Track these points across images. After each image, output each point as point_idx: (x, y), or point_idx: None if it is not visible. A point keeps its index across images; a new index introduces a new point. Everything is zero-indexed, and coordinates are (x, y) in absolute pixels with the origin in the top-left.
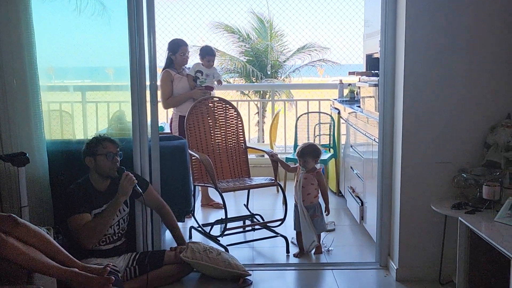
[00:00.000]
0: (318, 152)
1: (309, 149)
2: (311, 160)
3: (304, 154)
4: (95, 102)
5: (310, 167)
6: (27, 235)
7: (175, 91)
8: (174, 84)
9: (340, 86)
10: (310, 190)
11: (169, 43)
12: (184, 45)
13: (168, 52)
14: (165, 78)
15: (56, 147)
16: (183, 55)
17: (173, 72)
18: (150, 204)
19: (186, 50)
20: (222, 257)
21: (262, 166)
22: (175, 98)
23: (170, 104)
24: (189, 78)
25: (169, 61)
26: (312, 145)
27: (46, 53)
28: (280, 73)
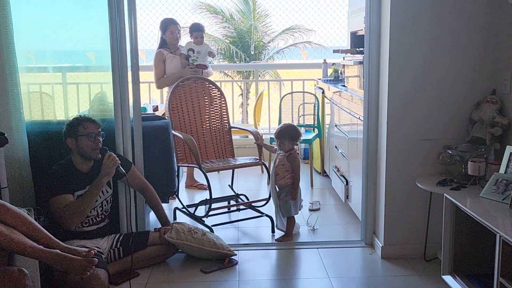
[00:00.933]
0: (296, 134)
1: (286, 131)
2: (287, 142)
3: (280, 135)
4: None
5: (286, 148)
6: (6, 215)
7: (167, 71)
8: (166, 64)
9: (324, 66)
10: (279, 171)
11: (160, 24)
12: (173, 23)
13: (160, 32)
14: (158, 58)
15: (36, 128)
16: (171, 33)
17: (165, 52)
18: (134, 185)
19: (176, 28)
20: (207, 237)
21: (246, 147)
22: (167, 78)
23: (162, 84)
24: (182, 57)
25: (162, 41)
26: (289, 126)
27: (25, 36)
28: (264, 54)
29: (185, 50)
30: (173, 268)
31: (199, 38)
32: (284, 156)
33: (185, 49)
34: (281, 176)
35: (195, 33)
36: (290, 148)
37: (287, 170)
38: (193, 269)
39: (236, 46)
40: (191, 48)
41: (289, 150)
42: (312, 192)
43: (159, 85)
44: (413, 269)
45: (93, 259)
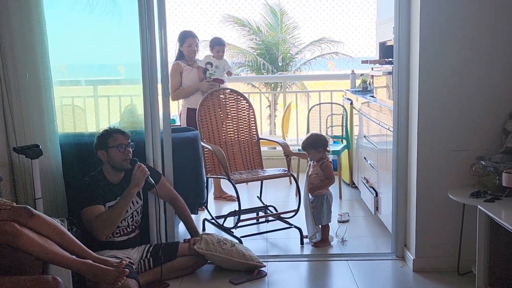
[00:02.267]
0: (319, 142)
1: (308, 141)
2: (313, 151)
3: (305, 147)
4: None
5: (316, 158)
6: (42, 226)
7: (183, 83)
8: (183, 76)
9: (352, 77)
10: (313, 180)
11: (178, 35)
12: (191, 36)
13: (178, 44)
14: (174, 69)
15: (69, 140)
16: (189, 46)
17: (183, 64)
18: (163, 196)
19: (193, 41)
20: (236, 249)
21: (274, 158)
22: (183, 90)
23: (177, 96)
24: (199, 70)
25: (179, 53)
26: (311, 135)
27: (59, 50)
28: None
29: (203, 63)
30: (202, 279)
31: (220, 53)
32: (317, 165)
33: (203, 62)
34: (324, 186)
35: (217, 47)
36: (320, 157)
37: (321, 179)
38: (222, 280)
39: (264, 58)
40: (209, 62)
41: (321, 159)
42: (341, 204)
43: (175, 96)
44: (446, 282)
45: (124, 270)
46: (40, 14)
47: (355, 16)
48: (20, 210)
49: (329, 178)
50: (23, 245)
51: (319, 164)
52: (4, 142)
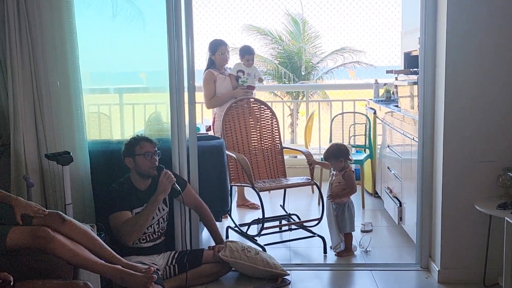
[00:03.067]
0: (341, 152)
1: (329, 151)
2: (335, 161)
3: (327, 157)
4: (132, 104)
5: (338, 168)
6: (73, 231)
7: (218, 91)
8: (217, 84)
9: (375, 86)
10: (335, 189)
11: (209, 44)
12: (223, 44)
13: (208, 53)
14: (208, 78)
15: (97, 147)
16: (221, 54)
17: (215, 72)
18: (189, 203)
19: (225, 49)
20: (260, 257)
21: (296, 167)
22: (218, 98)
23: (213, 103)
24: (232, 78)
25: (210, 62)
26: (333, 146)
27: (86, 58)
28: (313, 75)
29: (234, 71)
30: (227, 286)
31: (250, 61)
32: (340, 175)
33: (234, 70)
34: (345, 195)
35: (247, 55)
36: (342, 167)
37: (344, 188)
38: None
39: (285, 67)
40: (240, 69)
41: (343, 168)
42: (364, 213)
43: (210, 105)
44: None
45: (152, 276)
46: (71, 26)
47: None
48: (53, 216)
49: (351, 187)
50: (55, 250)
51: (342, 174)
52: (35, 149)
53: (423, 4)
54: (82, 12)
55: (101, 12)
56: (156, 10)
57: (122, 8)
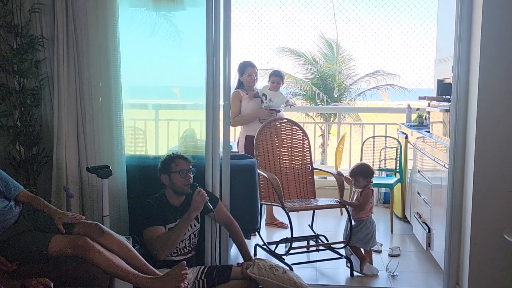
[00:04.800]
0: (369, 171)
1: (359, 169)
2: (361, 179)
3: (355, 173)
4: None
5: (361, 185)
6: (111, 242)
7: (243, 111)
8: (242, 104)
9: (408, 111)
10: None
11: (238, 65)
12: (250, 66)
13: (237, 74)
14: (234, 97)
15: (134, 162)
16: (249, 76)
17: (242, 93)
18: (220, 220)
19: (253, 71)
20: (287, 275)
21: (325, 188)
22: (243, 117)
23: (236, 122)
24: (256, 95)
25: (239, 83)
26: (362, 164)
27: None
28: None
29: (260, 93)
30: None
31: (275, 84)
32: (359, 192)
33: (260, 93)
34: (356, 210)
35: (273, 77)
36: (364, 185)
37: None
38: None
39: (318, 88)
40: (264, 93)
41: (363, 186)
42: (392, 237)
43: (234, 123)
44: None
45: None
46: (115, 45)
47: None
48: (92, 227)
49: (362, 203)
50: (93, 259)
51: (361, 191)
52: (76, 162)
53: (457, 34)
54: (123, 29)
55: (142, 30)
56: (193, 28)
57: (160, 26)
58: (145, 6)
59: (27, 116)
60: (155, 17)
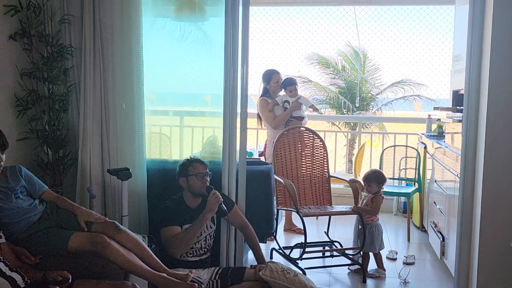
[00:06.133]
0: (382, 178)
1: (373, 175)
2: (375, 185)
3: (368, 179)
4: (192, 127)
5: (372, 191)
6: (126, 240)
7: (276, 114)
8: (274, 109)
9: (428, 121)
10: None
11: (263, 74)
12: (276, 73)
13: (263, 83)
14: (264, 105)
15: (154, 165)
16: (276, 82)
17: (269, 100)
18: (234, 223)
19: (279, 77)
20: (298, 279)
21: (346, 196)
22: (280, 117)
23: (279, 123)
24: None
25: (265, 91)
26: (376, 171)
27: (151, 80)
28: (372, 106)
29: (281, 101)
30: None
31: (293, 92)
32: (370, 197)
33: (280, 100)
34: (366, 215)
35: (289, 87)
36: (377, 192)
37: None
38: None
39: (345, 97)
40: (286, 100)
41: (375, 192)
42: (408, 246)
43: (276, 125)
44: None
45: (194, 284)
46: (139, 54)
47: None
48: (109, 225)
49: (374, 209)
50: (109, 255)
51: (371, 197)
52: (99, 164)
53: (469, 45)
54: (152, 36)
55: (170, 36)
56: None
57: (190, 32)
58: (168, 16)
59: (55, 121)
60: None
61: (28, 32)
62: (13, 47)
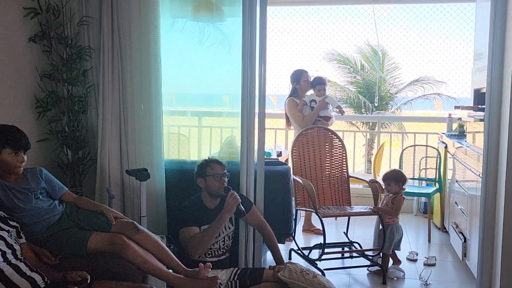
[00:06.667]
0: (402, 177)
1: (392, 174)
2: (393, 184)
3: (388, 178)
4: (210, 127)
5: (392, 191)
6: (145, 240)
7: (305, 114)
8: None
9: (449, 120)
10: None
11: (291, 75)
12: (305, 72)
13: (292, 83)
14: (293, 105)
15: (173, 166)
16: (306, 81)
17: (297, 100)
18: (253, 223)
19: (308, 76)
20: (317, 280)
21: (366, 197)
22: (309, 116)
23: (308, 122)
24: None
25: (294, 90)
26: (396, 170)
27: (170, 81)
28: (391, 105)
29: (308, 100)
30: None
31: (321, 91)
32: (391, 198)
33: (307, 99)
34: (386, 216)
35: (318, 86)
36: (396, 191)
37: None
38: None
39: (364, 96)
40: (313, 99)
41: (396, 192)
42: (429, 247)
43: (305, 124)
44: None
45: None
46: (157, 56)
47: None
48: (128, 225)
49: (395, 209)
50: (128, 256)
51: (392, 198)
52: (118, 165)
53: (490, 43)
54: (170, 38)
55: (189, 38)
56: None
57: (207, 33)
58: (186, 17)
59: (74, 122)
60: (203, 27)
61: (48, 34)
62: (33, 49)
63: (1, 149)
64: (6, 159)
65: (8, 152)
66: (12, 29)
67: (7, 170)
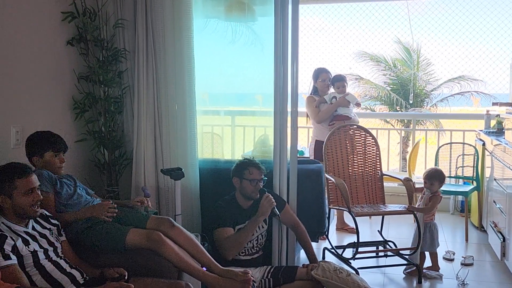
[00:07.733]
0: (443, 176)
1: (436, 173)
2: (437, 183)
3: (431, 177)
4: (243, 126)
5: (434, 189)
6: (180, 237)
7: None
8: (320, 106)
9: (487, 117)
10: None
11: (313, 72)
12: (324, 72)
13: (312, 81)
14: (310, 101)
15: (207, 165)
16: (323, 81)
17: (316, 97)
18: (286, 222)
19: (326, 76)
20: (351, 279)
21: (400, 195)
22: (325, 110)
23: (323, 116)
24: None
25: (314, 89)
26: (438, 169)
27: (203, 81)
28: (426, 102)
29: (329, 98)
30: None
31: (341, 88)
32: (429, 196)
33: (328, 97)
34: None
35: (337, 83)
36: (436, 190)
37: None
38: None
39: (398, 94)
40: (334, 96)
41: (434, 192)
42: (467, 246)
43: (320, 119)
44: None
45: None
46: (190, 56)
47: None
48: (163, 220)
49: (431, 207)
50: (164, 253)
51: (431, 196)
52: (153, 164)
53: None
54: (203, 38)
55: (221, 38)
56: (270, 34)
57: (240, 32)
58: (218, 17)
59: (110, 122)
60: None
61: (85, 37)
62: (70, 52)
63: (44, 152)
64: (49, 161)
65: (50, 154)
66: (51, 33)
67: (51, 170)
